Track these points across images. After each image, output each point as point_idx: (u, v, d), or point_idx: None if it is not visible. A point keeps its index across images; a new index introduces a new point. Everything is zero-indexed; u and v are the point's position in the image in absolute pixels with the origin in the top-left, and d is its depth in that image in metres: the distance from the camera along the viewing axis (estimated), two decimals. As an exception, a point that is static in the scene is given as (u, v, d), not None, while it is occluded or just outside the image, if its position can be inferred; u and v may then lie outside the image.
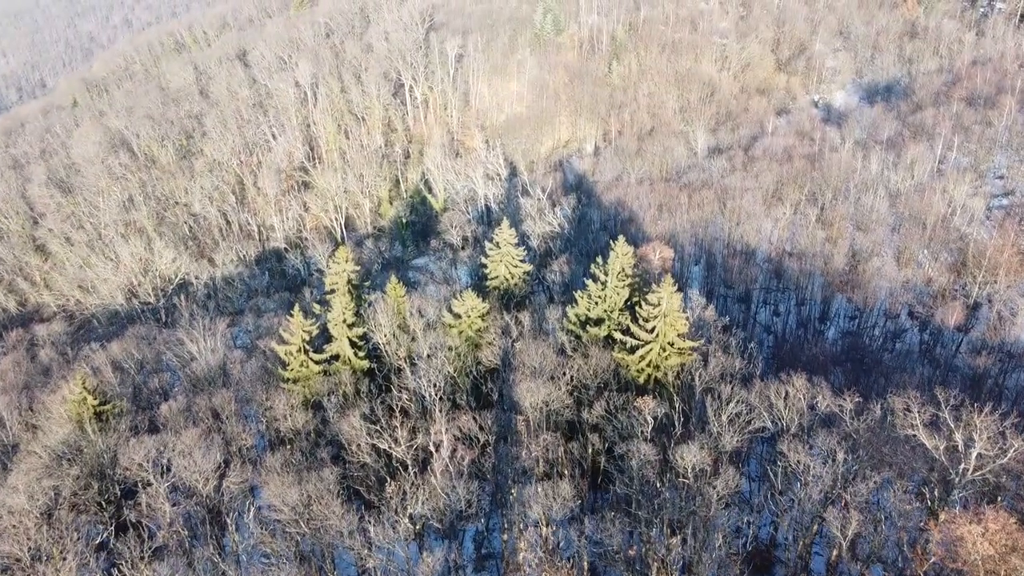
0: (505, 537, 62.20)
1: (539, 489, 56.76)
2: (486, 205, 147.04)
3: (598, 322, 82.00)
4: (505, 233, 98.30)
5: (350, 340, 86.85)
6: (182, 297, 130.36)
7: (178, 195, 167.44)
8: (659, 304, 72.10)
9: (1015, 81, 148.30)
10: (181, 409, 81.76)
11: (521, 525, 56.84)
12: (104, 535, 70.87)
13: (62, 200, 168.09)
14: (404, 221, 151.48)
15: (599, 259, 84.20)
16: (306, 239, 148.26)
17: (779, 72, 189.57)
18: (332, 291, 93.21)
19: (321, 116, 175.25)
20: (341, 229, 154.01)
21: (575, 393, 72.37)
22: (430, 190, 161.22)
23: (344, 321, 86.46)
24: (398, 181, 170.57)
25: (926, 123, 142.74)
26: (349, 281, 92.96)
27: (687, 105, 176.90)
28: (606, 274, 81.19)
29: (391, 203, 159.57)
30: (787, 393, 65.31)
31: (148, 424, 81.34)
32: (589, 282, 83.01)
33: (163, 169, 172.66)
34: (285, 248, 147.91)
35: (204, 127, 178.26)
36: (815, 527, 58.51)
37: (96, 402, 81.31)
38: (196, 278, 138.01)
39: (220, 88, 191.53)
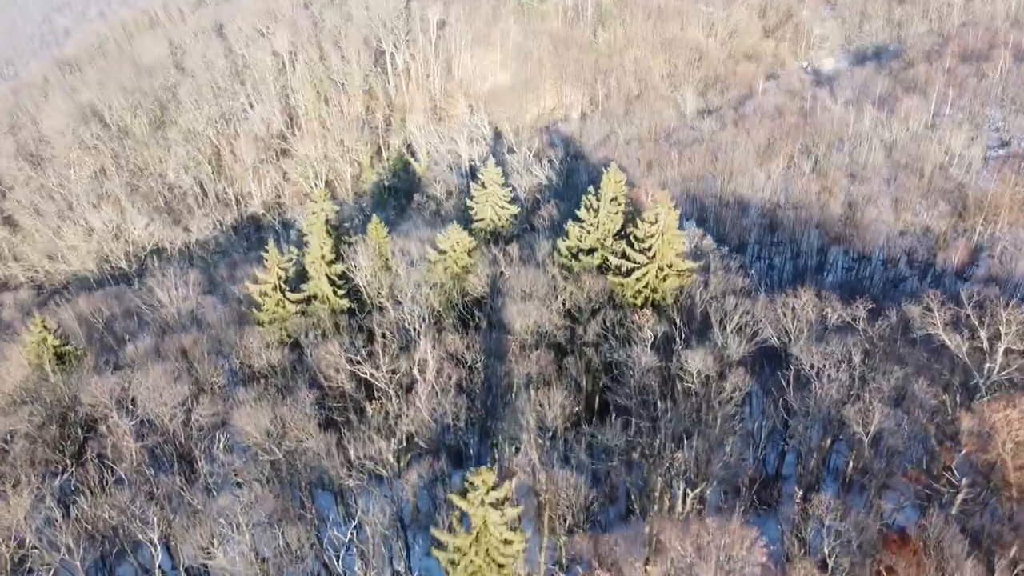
0: (495, 456, 57.68)
1: (534, 395, 52.29)
2: (471, 167, 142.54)
3: (590, 252, 77.79)
4: (491, 172, 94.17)
5: (329, 278, 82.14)
6: (155, 259, 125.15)
7: (152, 165, 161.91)
8: (656, 221, 67.93)
9: (1008, 37, 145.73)
10: (148, 350, 76.73)
11: (513, 440, 52.37)
12: (64, 477, 65.66)
13: (32, 173, 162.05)
14: (386, 185, 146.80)
15: (591, 188, 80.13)
16: (284, 204, 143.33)
17: (767, 39, 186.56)
18: (310, 232, 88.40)
19: (300, 84, 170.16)
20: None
21: (568, 317, 68.02)
22: (413, 155, 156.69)
23: (322, 257, 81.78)
24: (380, 150, 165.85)
25: (919, 78, 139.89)
26: (327, 221, 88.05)
27: (674, 70, 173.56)
28: (598, 199, 77.03)
29: (372, 167, 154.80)
30: (794, 307, 61.38)
31: (113, 366, 76.17)
32: (581, 210, 78.86)
33: (137, 139, 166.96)
34: (263, 213, 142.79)
35: (179, 98, 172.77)
36: (828, 442, 54.34)
37: (56, 343, 76.14)
38: (170, 243, 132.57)
39: (195, 60, 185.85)
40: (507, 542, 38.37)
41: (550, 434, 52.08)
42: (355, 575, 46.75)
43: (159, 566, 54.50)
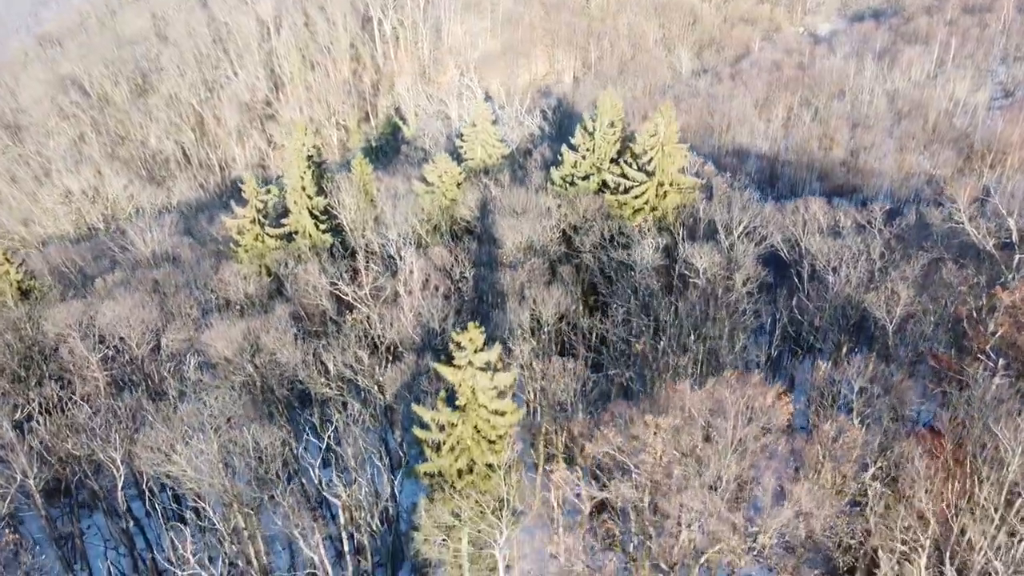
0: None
1: (528, 295, 48.10)
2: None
3: (586, 178, 73.67)
4: (481, 109, 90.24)
5: (310, 212, 77.81)
6: (134, 219, 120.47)
7: (133, 133, 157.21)
8: (656, 133, 63.92)
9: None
10: (118, 283, 72.31)
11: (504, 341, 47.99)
12: (24, 411, 61.06)
13: (8, 142, 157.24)
14: (374, 147, 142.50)
15: (585, 114, 76.24)
16: (268, 167, 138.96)
17: (762, 3, 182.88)
18: (289, 168, 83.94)
19: (285, 50, 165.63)
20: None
21: (563, 236, 63.87)
22: (402, 119, 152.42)
23: (303, 189, 77.44)
24: (368, 116, 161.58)
25: (920, 30, 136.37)
26: (309, 157, 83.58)
27: (668, 34, 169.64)
28: (594, 120, 73.01)
29: (359, 127, 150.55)
30: (805, 219, 57.37)
31: (82, 297, 71.69)
32: (577, 134, 74.88)
33: (117, 107, 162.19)
34: (246, 177, 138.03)
35: (161, 65, 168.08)
36: (845, 346, 50.34)
37: (19, 276, 71.56)
38: (150, 203, 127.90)
39: (178, 30, 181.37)
40: (498, 413, 34.28)
41: (545, 330, 48.00)
42: (334, 487, 42.34)
43: (122, 488, 50.25)
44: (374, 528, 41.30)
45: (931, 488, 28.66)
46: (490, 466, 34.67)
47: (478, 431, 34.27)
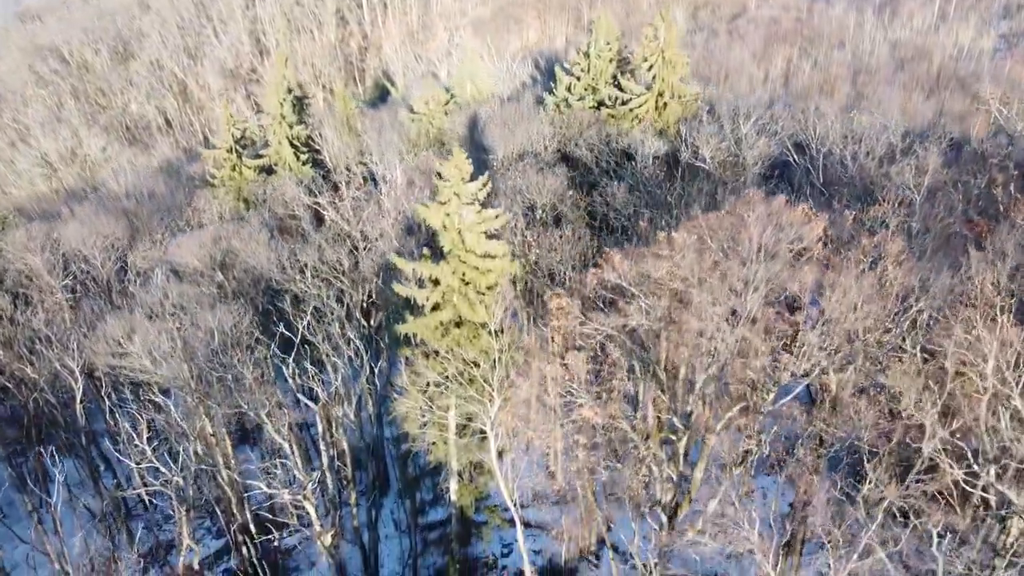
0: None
1: (522, 183, 44.11)
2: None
3: (581, 99, 69.82)
4: (470, 48, 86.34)
5: (290, 142, 73.86)
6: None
7: (113, 101, 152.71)
8: (656, 37, 60.08)
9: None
10: (86, 215, 68.18)
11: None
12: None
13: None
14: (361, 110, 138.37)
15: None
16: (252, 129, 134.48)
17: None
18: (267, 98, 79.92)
19: (270, 15, 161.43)
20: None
21: (559, 152, 59.97)
22: (391, 81, 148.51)
23: (283, 117, 73.51)
24: (356, 81, 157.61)
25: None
26: (290, 91, 79.60)
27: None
28: (590, 36, 69.23)
29: (346, 88, 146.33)
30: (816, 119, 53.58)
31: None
32: (571, 55, 71.12)
33: (97, 74, 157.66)
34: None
35: (143, 32, 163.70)
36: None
37: (-20, 205, 67.54)
38: (130, 163, 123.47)
39: (160, 1, 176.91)
40: (488, 256, 30.33)
41: (539, 214, 44.05)
42: (306, 381, 38.21)
43: (80, 401, 46.16)
44: (352, 421, 37.36)
45: (987, 315, 24.98)
46: (480, 325, 30.78)
47: (465, 283, 30.34)
